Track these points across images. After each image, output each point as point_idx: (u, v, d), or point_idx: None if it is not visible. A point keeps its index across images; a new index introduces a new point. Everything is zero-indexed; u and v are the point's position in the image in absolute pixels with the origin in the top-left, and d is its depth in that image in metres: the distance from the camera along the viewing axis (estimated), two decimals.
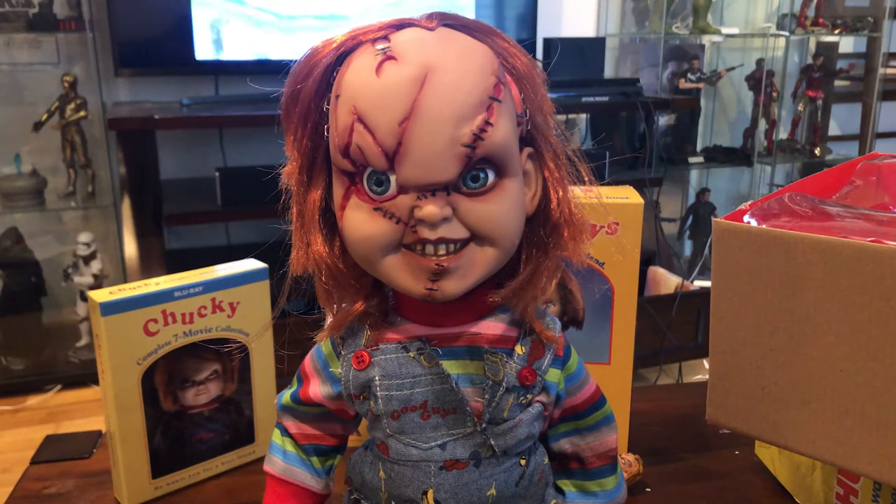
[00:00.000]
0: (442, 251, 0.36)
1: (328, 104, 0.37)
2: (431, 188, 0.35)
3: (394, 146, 0.35)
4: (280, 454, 0.47)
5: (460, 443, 0.40)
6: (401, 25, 0.37)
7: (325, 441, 0.47)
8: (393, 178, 0.36)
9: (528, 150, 0.39)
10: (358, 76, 0.35)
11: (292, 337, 0.49)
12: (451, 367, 0.40)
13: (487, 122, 0.35)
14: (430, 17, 0.37)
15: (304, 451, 0.47)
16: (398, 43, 0.36)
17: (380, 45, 0.36)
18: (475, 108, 0.35)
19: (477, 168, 0.36)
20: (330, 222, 0.40)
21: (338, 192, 0.38)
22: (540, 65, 0.40)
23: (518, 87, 0.38)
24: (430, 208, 0.35)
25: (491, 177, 0.36)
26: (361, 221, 0.37)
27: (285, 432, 0.47)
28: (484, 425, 0.40)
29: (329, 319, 0.43)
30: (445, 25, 0.37)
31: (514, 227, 0.38)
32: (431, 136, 0.34)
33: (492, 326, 0.41)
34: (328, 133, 0.37)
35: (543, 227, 0.40)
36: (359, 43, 0.37)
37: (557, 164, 0.40)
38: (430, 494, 0.40)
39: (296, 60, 0.38)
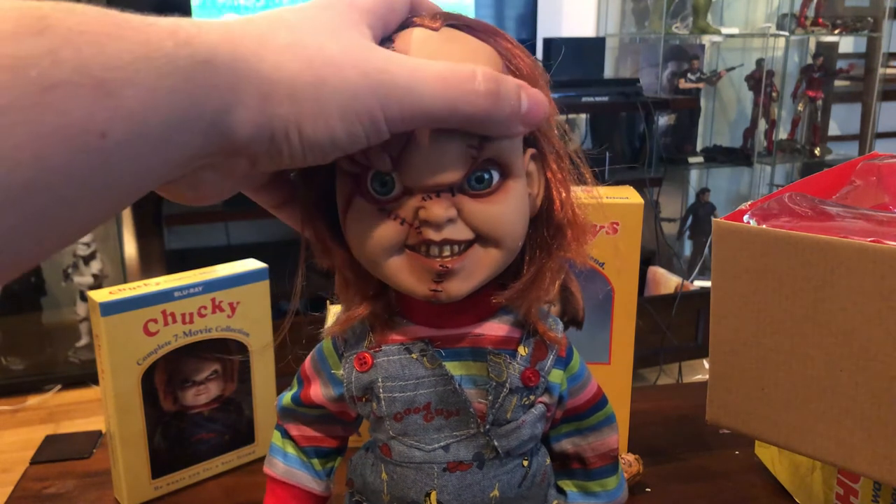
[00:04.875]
0: (446, 252, 0.36)
1: None
2: (436, 189, 0.35)
3: (398, 147, 0.34)
4: (281, 456, 0.47)
5: (463, 444, 0.40)
6: (404, 25, 0.37)
7: (325, 443, 0.47)
8: (397, 180, 0.36)
9: (530, 151, 0.39)
10: None
11: (292, 337, 0.49)
12: (453, 368, 0.40)
13: None
14: (434, 16, 0.37)
15: (305, 453, 0.47)
16: (402, 43, 0.35)
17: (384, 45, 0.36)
18: None
19: (482, 169, 0.36)
20: (331, 222, 0.40)
21: (341, 192, 0.38)
22: (542, 66, 0.40)
23: None
24: (436, 209, 0.35)
25: (496, 178, 0.36)
26: (365, 222, 0.37)
27: (286, 434, 0.47)
28: (487, 427, 0.40)
29: (331, 320, 0.43)
30: (449, 26, 0.37)
31: (519, 228, 0.38)
32: (437, 136, 0.34)
33: (495, 328, 0.41)
34: None
35: (547, 229, 0.40)
36: None
37: (560, 166, 0.40)
38: (434, 496, 0.40)
39: None
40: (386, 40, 0.36)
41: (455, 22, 0.37)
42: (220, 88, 0.26)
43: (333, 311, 0.62)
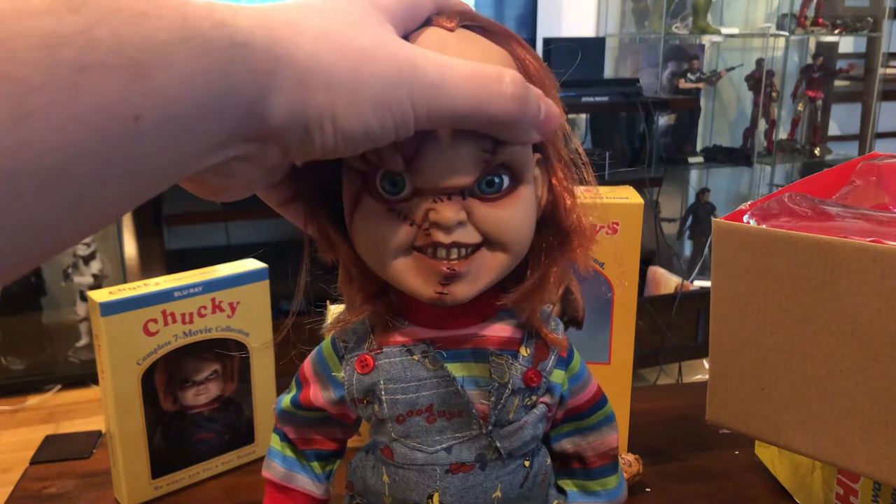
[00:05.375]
0: (454, 255, 0.36)
1: None
2: (448, 192, 0.35)
3: (412, 148, 0.34)
4: (280, 460, 0.47)
5: (466, 445, 0.40)
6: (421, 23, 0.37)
7: (325, 446, 0.47)
8: (408, 180, 0.35)
9: (536, 156, 0.39)
10: None
11: (293, 336, 0.49)
12: (455, 369, 0.40)
13: None
14: (451, 16, 0.37)
15: (305, 456, 0.47)
16: (418, 42, 0.35)
17: None
18: None
19: (493, 173, 0.36)
20: (336, 219, 0.40)
21: (348, 191, 0.38)
22: (551, 72, 0.39)
23: None
24: (447, 212, 0.35)
25: (506, 182, 0.36)
26: (374, 222, 0.36)
27: (284, 438, 0.47)
28: (490, 427, 0.40)
29: (331, 314, 0.43)
30: (464, 27, 0.37)
31: (526, 233, 0.38)
32: (451, 139, 0.34)
33: (497, 329, 0.41)
34: None
35: (552, 235, 0.40)
36: None
37: (565, 172, 0.40)
38: (436, 498, 0.40)
39: None
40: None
41: (470, 23, 0.37)
42: (258, 73, 0.26)
43: (333, 312, 0.62)
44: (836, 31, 2.72)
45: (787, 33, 2.68)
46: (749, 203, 0.50)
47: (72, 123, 0.21)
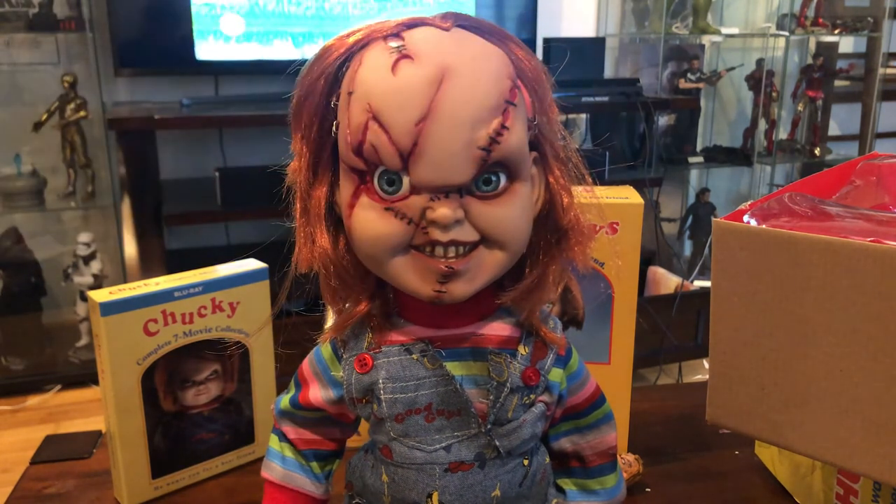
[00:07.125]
0: (452, 253, 0.36)
1: (336, 100, 0.37)
2: (445, 190, 0.35)
3: (409, 146, 0.34)
4: (279, 460, 0.47)
5: (465, 444, 0.40)
6: (414, 24, 0.37)
7: (324, 446, 0.47)
8: (406, 179, 0.35)
9: (533, 154, 0.39)
10: (373, 74, 0.35)
11: (292, 337, 0.49)
12: (454, 368, 0.40)
13: (504, 126, 0.35)
14: (445, 16, 0.37)
15: (304, 456, 0.47)
16: (413, 42, 0.35)
17: (393, 43, 0.35)
18: (492, 112, 0.35)
19: (490, 171, 0.36)
20: (334, 219, 0.40)
21: (346, 190, 0.38)
22: (546, 69, 0.40)
23: (528, 91, 0.38)
24: (444, 210, 0.35)
25: (503, 180, 0.36)
26: (372, 221, 0.36)
27: (283, 438, 0.47)
28: (489, 426, 0.40)
29: (330, 320, 0.43)
30: (459, 26, 0.37)
31: (524, 231, 0.38)
32: (448, 137, 0.34)
33: (495, 327, 0.41)
34: (336, 130, 0.37)
35: (549, 233, 0.40)
36: (370, 40, 0.37)
37: (562, 171, 0.40)
38: (436, 497, 0.40)
39: (301, 60, 0.38)
40: (394, 37, 0.36)
41: (465, 23, 0.37)
42: None
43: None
44: (836, 31, 2.72)
45: (787, 33, 2.68)
46: (749, 203, 0.49)
47: None
